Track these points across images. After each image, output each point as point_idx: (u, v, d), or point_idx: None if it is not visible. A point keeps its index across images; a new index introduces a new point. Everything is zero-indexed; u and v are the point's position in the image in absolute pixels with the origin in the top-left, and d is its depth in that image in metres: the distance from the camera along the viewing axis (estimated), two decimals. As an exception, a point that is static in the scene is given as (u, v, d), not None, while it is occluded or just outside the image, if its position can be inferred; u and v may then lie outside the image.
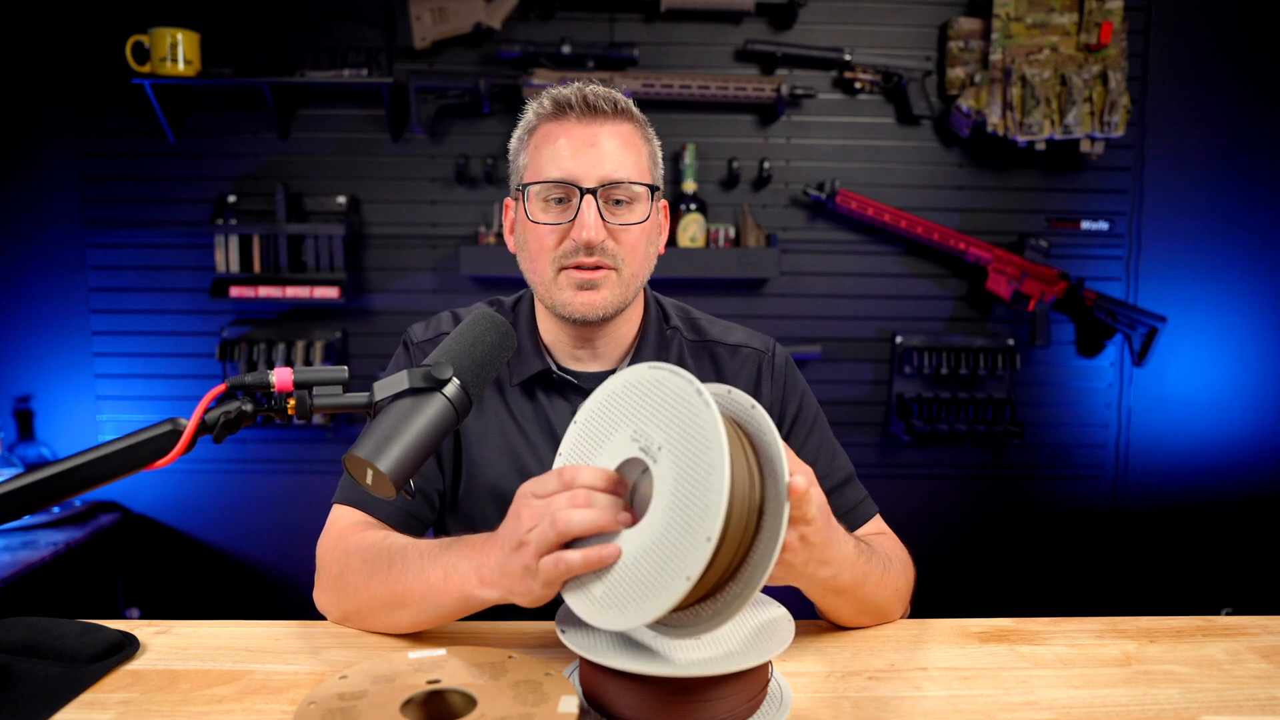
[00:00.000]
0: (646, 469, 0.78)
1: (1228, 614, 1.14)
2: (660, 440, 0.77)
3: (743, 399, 0.81)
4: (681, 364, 1.24)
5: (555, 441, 1.18)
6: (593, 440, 0.84)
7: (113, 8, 2.72)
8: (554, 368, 1.20)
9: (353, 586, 1.02)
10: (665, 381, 0.79)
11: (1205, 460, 3.02)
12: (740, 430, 0.80)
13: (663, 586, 0.72)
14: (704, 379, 1.23)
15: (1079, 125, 2.70)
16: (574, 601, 0.79)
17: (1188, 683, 0.93)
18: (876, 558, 1.03)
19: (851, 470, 1.23)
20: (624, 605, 0.74)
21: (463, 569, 0.91)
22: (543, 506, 0.80)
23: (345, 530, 1.10)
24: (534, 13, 2.79)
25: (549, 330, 1.22)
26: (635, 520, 0.78)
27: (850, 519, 1.18)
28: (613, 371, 1.20)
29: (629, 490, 0.82)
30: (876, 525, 1.21)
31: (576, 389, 1.20)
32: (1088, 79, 2.70)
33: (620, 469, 0.81)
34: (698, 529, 0.71)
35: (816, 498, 0.82)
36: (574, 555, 0.77)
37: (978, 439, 2.93)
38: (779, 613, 0.90)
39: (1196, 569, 3.03)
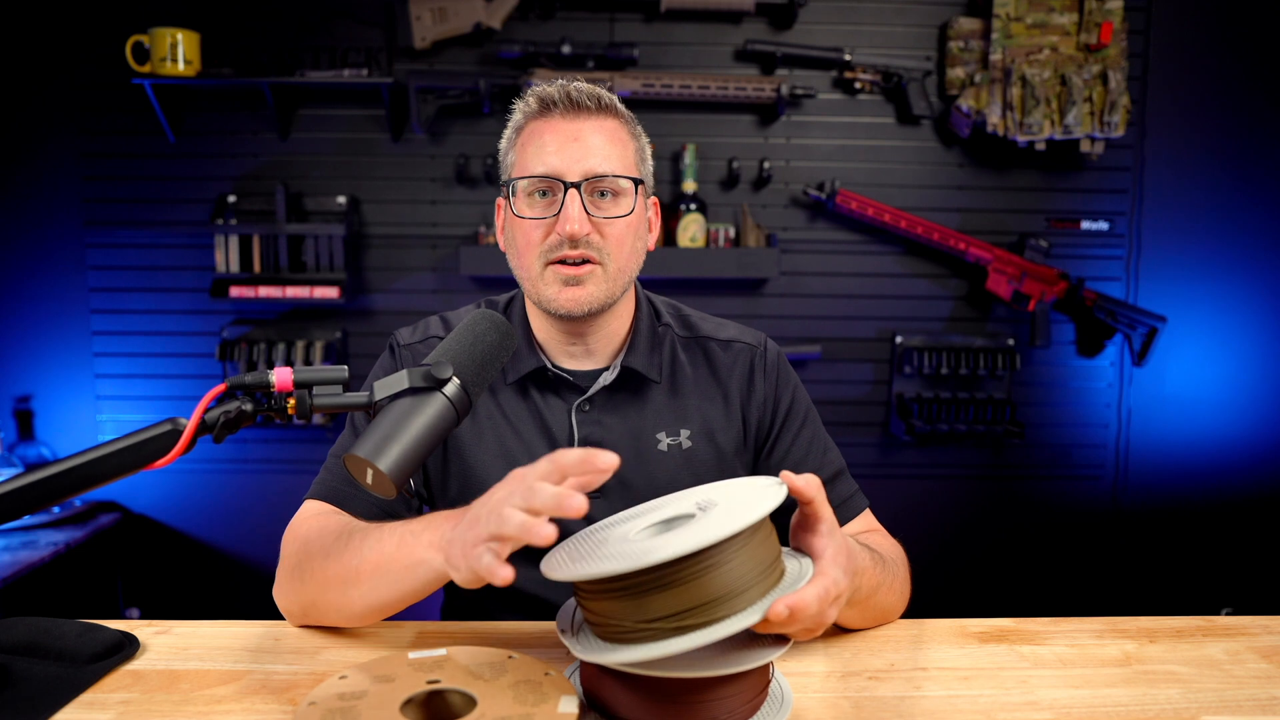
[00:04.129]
0: (692, 516, 0.82)
1: (1228, 614, 1.14)
2: (717, 501, 0.83)
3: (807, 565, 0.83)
4: (674, 360, 1.24)
5: (550, 440, 1.18)
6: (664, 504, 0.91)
7: (113, 8, 2.71)
8: (549, 365, 1.19)
9: (309, 571, 0.99)
10: (757, 484, 0.86)
11: (1205, 460, 3.02)
12: (782, 556, 0.83)
13: (609, 558, 0.76)
14: (697, 374, 1.24)
15: (1079, 125, 2.70)
16: (548, 563, 0.83)
17: (1188, 683, 0.93)
18: (887, 566, 1.03)
19: (843, 465, 1.24)
20: (577, 560, 0.79)
21: (419, 533, 0.89)
22: (505, 494, 0.77)
23: (308, 521, 1.07)
24: (534, 13, 2.78)
25: (541, 328, 1.22)
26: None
27: (839, 513, 1.18)
28: (607, 369, 1.21)
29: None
30: (866, 521, 1.22)
31: (572, 386, 1.19)
32: (1088, 79, 2.70)
33: (669, 521, 0.85)
34: (674, 544, 0.73)
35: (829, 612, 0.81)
36: (498, 563, 0.73)
37: (978, 439, 2.93)
38: None
39: (1196, 569, 3.03)
